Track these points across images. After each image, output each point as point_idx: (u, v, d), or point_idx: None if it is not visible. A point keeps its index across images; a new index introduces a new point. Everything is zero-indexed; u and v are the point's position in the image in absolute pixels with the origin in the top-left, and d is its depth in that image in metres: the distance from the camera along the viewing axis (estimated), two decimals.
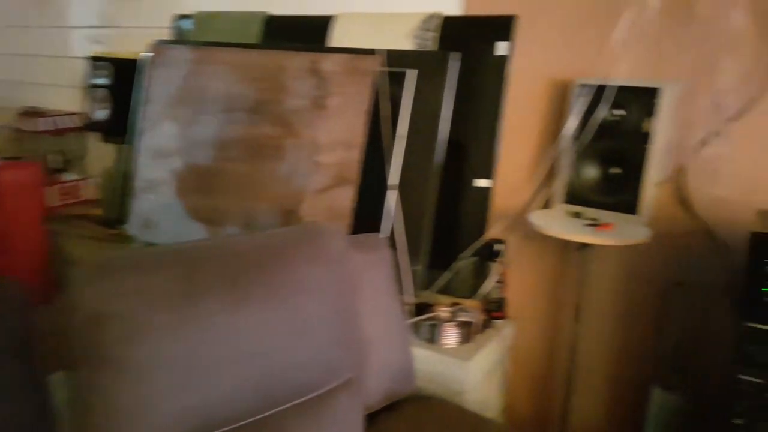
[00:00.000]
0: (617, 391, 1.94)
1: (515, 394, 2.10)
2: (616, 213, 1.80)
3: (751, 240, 1.21)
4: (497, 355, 1.94)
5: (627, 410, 1.92)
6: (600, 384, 1.96)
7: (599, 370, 1.96)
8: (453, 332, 1.83)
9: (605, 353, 1.94)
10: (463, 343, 1.82)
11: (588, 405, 1.98)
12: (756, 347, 1.22)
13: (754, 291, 1.21)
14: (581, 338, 1.91)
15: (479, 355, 1.77)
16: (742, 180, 1.66)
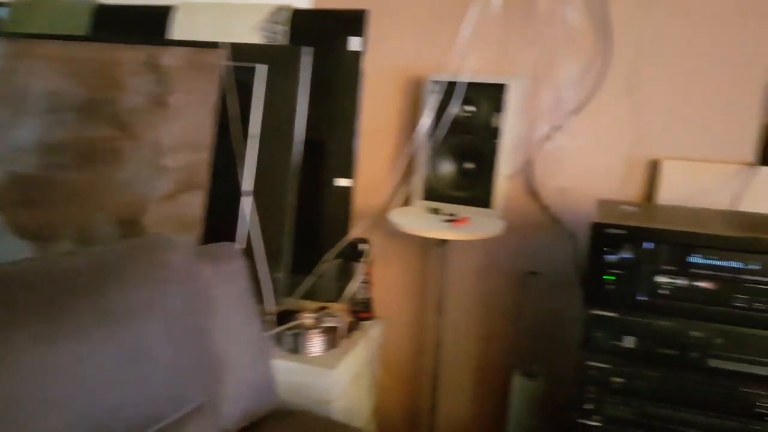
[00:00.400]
0: (482, 381, 1.98)
1: (386, 394, 2.08)
2: (472, 207, 1.82)
3: (591, 230, 1.25)
4: (365, 358, 1.90)
5: (492, 399, 1.96)
6: (466, 376, 1.99)
7: (464, 363, 1.99)
8: (318, 339, 1.75)
9: (469, 345, 1.97)
10: (329, 349, 1.76)
11: (455, 397, 2.00)
12: (601, 333, 1.27)
13: (596, 279, 1.25)
14: (445, 332, 1.92)
15: (345, 360, 1.72)
16: (584, 171, 1.75)
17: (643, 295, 1.24)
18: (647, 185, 1.72)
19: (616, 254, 1.22)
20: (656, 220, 1.32)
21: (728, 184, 1.61)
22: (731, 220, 1.37)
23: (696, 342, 1.22)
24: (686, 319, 1.23)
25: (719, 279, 1.20)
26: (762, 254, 1.17)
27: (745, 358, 1.19)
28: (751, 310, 1.18)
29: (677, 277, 1.22)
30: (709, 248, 1.20)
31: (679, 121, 1.67)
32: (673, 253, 1.22)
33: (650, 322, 1.24)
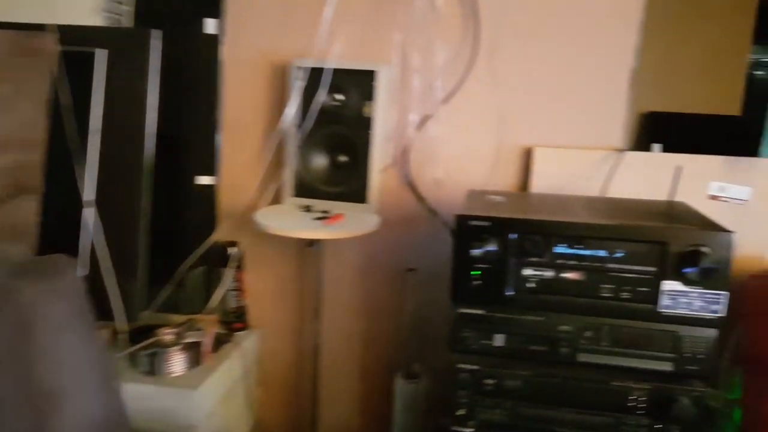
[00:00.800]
0: (366, 385, 1.87)
1: (266, 409, 1.92)
2: (347, 203, 1.70)
3: (455, 222, 1.16)
4: (239, 373, 1.74)
5: (377, 403, 1.86)
6: (349, 381, 1.87)
7: (346, 368, 1.87)
8: (178, 358, 1.57)
9: (351, 349, 1.86)
10: (192, 367, 1.58)
11: (338, 405, 1.88)
12: (470, 333, 1.18)
13: (463, 275, 1.16)
14: (324, 337, 1.79)
15: (212, 378, 1.55)
16: (458, 161, 1.67)
17: (511, 290, 1.17)
18: (522, 174, 1.66)
19: (481, 247, 1.14)
20: (522, 209, 1.25)
21: (598, 170, 1.58)
22: (598, 207, 1.32)
23: (565, 337, 1.16)
24: (555, 312, 1.16)
25: (585, 269, 1.14)
26: (625, 241, 1.12)
27: (615, 350, 1.14)
28: (618, 300, 1.13)
29: (544, 269, 1.15)
30: (573, 237, 1.14)
31: (549, 109, 1.62)
32: (538, 244, 1.15)
33: (519, 318, 1.17)
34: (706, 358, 1.10)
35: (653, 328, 1.12)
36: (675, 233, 1.09)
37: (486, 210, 1.21)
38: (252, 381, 1.85)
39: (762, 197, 1.53)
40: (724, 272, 1.07)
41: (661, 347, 1.12)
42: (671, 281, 1.10)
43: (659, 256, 1.10)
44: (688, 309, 1.10)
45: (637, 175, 1.56)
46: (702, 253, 1.06)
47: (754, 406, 1.34)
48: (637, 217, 1.19)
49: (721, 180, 1.58)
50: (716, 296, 1.08)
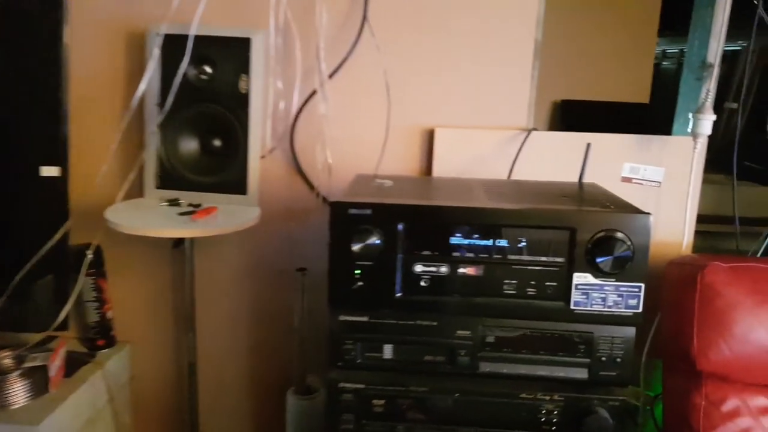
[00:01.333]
0: (254, 403, 1.64)
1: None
2: (223, 194, 1.46)
3: (331, 211, 0.95)
4: (102, 398, 1.46)
5: (267, 422, 1.63)
6: (235, 399, 1.63)
7: (231, 384, 1.63)
8: (19, 386, 1.29)
9: (235, 363, 1.62)
10: (38, 396, 1.30)
11: (224, 426, 1.64)
12: (353, 345, 0.98)
13: (343, 275, 0.96)
14: (203, 351, 1.55)
15: (62, 409, 1.28)
16: (348, 143, 1.46)
17: (402, 291, 0.97)
18: (424, 157, 1.48)
19: (362, 241, 0.93)
20: (413, 194, 1.06)
21: (505, 152, 1.42)
22: (501, 190, 1.15)
23: (464, 344, 0.97)
24: (451, 315, 0.97)
25: (485, 263, 0.96)
26: (528, 228, 0.94)
27: (521, 357, 0.97)
28: (524, 297, 0.96)
29: (438, 264, 0.97)
30: (470, 225, 0.95)
31: (451, 87, 1.44)
32: (430, 235, 0.96)
33: (411, 324, 0.98)
34: (624, 361, 0.95)
35: (565, 330, 0.96)
36: (584, 217, 0.92)
37: (369, 196, 1.01)
38: (121, 406, 1.57)
39: (676, 177, 1.41)
40: (641, 261, 0.91)
41: (574, 351, 0.96)
42: (582, 273, 0.93)
43: (568, 244, 0.93)
44: (603, 305, 0.94)
45: (546, 156, 1.41)
46: (615, 240, 0.90)
47: (676, 400, 1.22)
48: (543, 200, 1.02)
49: (633, 161, 1.45)
50: (633, 289, 0.93)
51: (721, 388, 1.22)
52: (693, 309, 1.20)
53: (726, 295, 1.19)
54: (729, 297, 1.19)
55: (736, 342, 1.17)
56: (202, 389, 1.56)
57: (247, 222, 1.36)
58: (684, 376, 1.23)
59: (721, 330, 1.18)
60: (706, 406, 1.21)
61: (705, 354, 1.19)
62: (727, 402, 1.20)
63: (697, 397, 1.22)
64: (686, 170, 1.41)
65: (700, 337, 1.20)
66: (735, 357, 1.18)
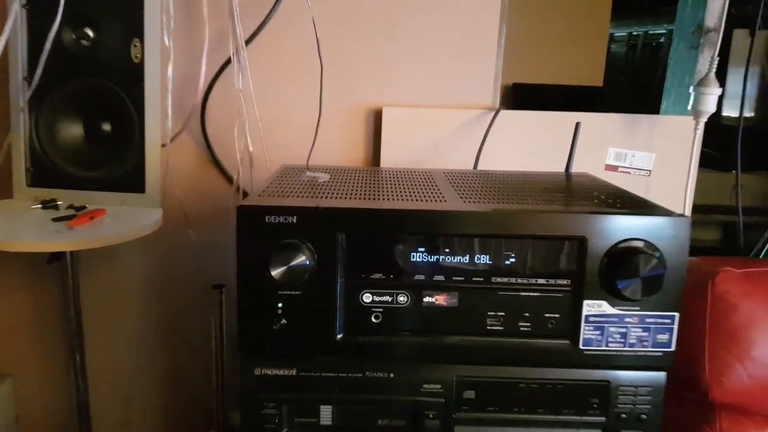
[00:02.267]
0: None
1: None
2: (115, 193, 1.14)
3: (238, 219, 0.65)
4: None
5: None
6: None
7: (138, 422, 1.31)
8: None
9: (142, 397, 1.29)
10: None
11: None
12: (276, 409, 0.68)
13: (257, 311, 0.66)
14: (100, 384, 1.23)
15: None
16: (271, 126, 1.16)
17: (344, 331, 0.68)
18: (369, 143, 1.19)
19: (286, 262, 0.64)
20: (357, 193, 0.77)
21: (465, 136, 1.15)
22: (472, 185, 0.87)
23: (434, 402, 0.69)
24: (415, 363, 0.69)
25: (460, 288, 0.68)
26: (519, 239, 0.67)
27: (513, 418, 0.70)
28: (513, 335, 0.69)
29: (395, 292, 0.68)
30: (438, 236, 0.67)
31: (402, 57, 1.16)
32: (384, 251, 0.67)
33: (359, 378, 0.69)
34: (651, 418, 0.69)
35: (571, 378, 0.69)
36: (596, 223, 0.66)
37: (295, 196, 0.72)
38: None
39: (668, 164, 1.18)
40: (676, 282, 0.66)
41: (585, 407, 0.69)
42: (595, 300, 0.67)
43: (575, 260, 0.67)
44: (623, 343, 0.68)
45: (517, 142, 1.15)
46: (641, 254, 0.64)
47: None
48: (529, 198, 0.75)
49: (619, 146, 1.21)
50: (664, 320, 0.67)
51: (739, 423, 1.00)
52: (703, 326, 0.98)
53: (742, 308, 0.98)
54: (746, 310, 0.98)
55: (757, 365, 0.97)
56: (102, 430, 1.25)
57: (144, 228, 1.04)
58: (692, 408, 1.01)
59: (738, 351, 0.97)
60: None
61: (719, 381, 0.97)
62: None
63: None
64: (680, 156, 1.18)
65: (713, 360, 0.98)
66: (755, 384, 0.97)
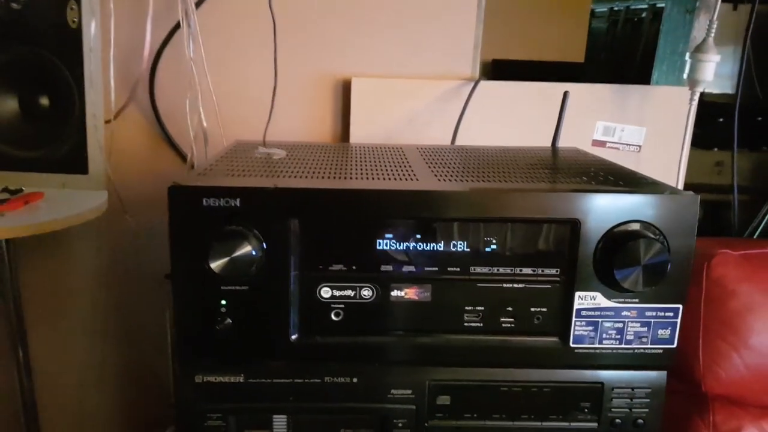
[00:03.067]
0: None
1: None
2: (54, 174, 1.03)
3: (170, 202, 0.55)
4: None
5: None
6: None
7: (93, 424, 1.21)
8: None
9: (94, 397, 1.19)
10: None
11: None
12: (220, 421, 0.59)
13: (196, 309, 0.56)
14: (48, 384, 1.12)
15: None
16: (225, 98, 1.05)
17: (299, 331, 0.59)
18: (337, 117, 1.09)
19: (230, 252, 0.54)
20: (316, 171, 0.67)
21: (442, 109, 1.05)
22: (449, 162, 0.77)
23: (404, 409, 0.60)
24: (382, 366, 0.60)
25: (434, 280, 0.59)
26: (502, 222, 0.58)
27: (494, 426, 0.61)
28: (494, 332, 0.60)
29: (358, 286, 0.59)
30: (409, 219, 0.58)
31: (373, 23, 1.05)
32: (345, 238, 0.58)
33: (316, 384, 0.59)
34: (650, 421, 0.61)
35: (561, 380, 0.61)
36: (591, 203, 0.57)
37: (244, 175, 0.61)
38: None
39: (660, 139, 1.09)
40: (682, 270, 0.57)
41: (575, 411, 0.61)
42: (588, 292, 0.58)
43: (565, 247, 0.58)
44: (619, 340, 0.59)
45: (498, 116, 1.06)
46: (643, 238, 0.55)
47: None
48: (514, 176, 0.66)
49: (607, 120, 1.12)
50: (666, 313, 0.59)
51: (734, 416, 0.94)
52: (697, 314, 0.91)
53: (740, 293, 0.91)
54: (744, 296, 0.91)
55: (755, 355, 0.91)
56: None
57: (84, 213, 0.94)
58: (684, 400, 0.95)
59: (734, 340, 0.91)
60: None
61: (713, 372, 0.91)
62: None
63: (702, 429, 0.93)
64: (673, 129, 1.09)
65: (707, 349, 0.92)
66: (752, 374, 0.90)
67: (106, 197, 0.99)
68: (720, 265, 0.91)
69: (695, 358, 0.91)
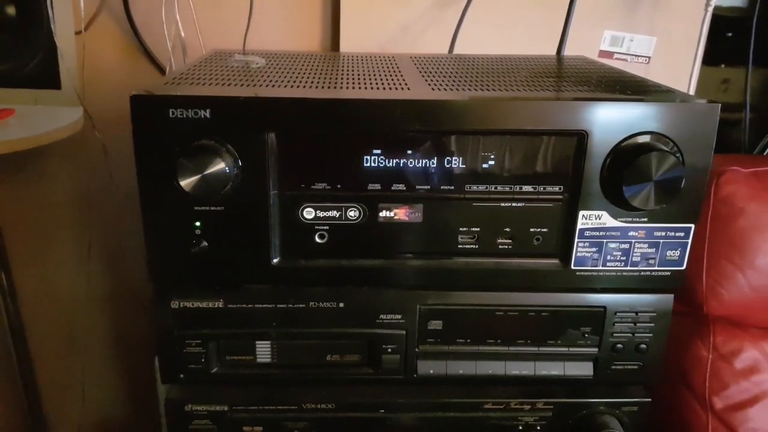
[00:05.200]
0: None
1: None
2: (25, 89, 0.96)
3: (132, 113, 0.49)
4: None
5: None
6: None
7: (84, 344, 1.20)
8: None
9: (83, 320, 1.18)
10: None
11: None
12: (201, 347, 0.56)
13: (170, 230, 0.52)
14: (29, 309, 1.11)
15: None
16: (203, 3, 0.97)
17: (282, 254, 0.55)
18: (326, 25, 1.01)
19: (202, 169, 0.49)
20: (297, 81, 0.60)
21: (440, 15, 0.97)
22: (442, 70, 0.70)
23: (393, 334, 0.57)
24: (369, 288, 0.56)
25: (426, 199, 0.54)
26: (500, 135, 0.52)
27: (487, 351, 0.58)
28: (491, 254, 0.56)
29: (344, 206, 0.54)
30: (398, 133, 0.52)
31: None
32: (328, 153, 0.53)
33: (299, 309, 0.56)
34: (653, 347, 0.58)
35: (558, 305, 0.57)
36: (599, 113, 0.51)
37: (214, 85, 0.55)
38: None
39: (670, 50, 1.02)
40: (697, 186, 0.52)
41: (572, 338, 0.58)
42: (594, 211, 0.54)
43: (569, 162, 0.53)
44: (624, 262, 0.55)
45: (499, 23, 0.98)
46: (656, 151, 0.50)
47: (672, 353, 0.91)
48: (515, 85, 0.60)
49: (615, 29, 1.05)
50: (677, 233, 0.55)
51: (734, 337, 0.91)
52: (703, 233, 0.87)
53: (749, 211, 0.87)
54: (753, 215, 0.87)
55: (760, 275, 0.87)
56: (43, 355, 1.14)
57: (58, 131, 0.88)
58: (684, 321, 0.92)
59: (740, 260, 0.87)
60: (714, 361, 0.91)
61: (716, 293, 0.88)
62: (742, 355, 0.91)
63: (701, 350, 0.92)
64: (685, 40, 1.02)
65: (711, 270, 0.89)
66: (757, 295, 0.87)
67: (82, 114, 0.94)
68: (729, 182, 0.87)
69: (698, 278, 0.88)
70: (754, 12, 1.07)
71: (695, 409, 0.89)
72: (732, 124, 1.24)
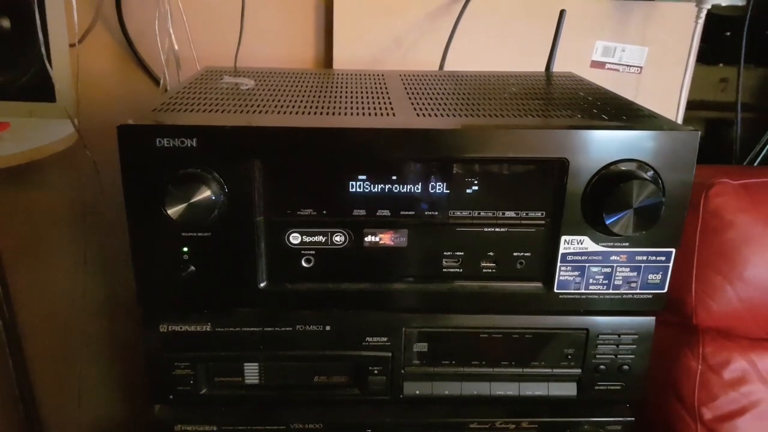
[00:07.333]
0: None
1: None
2: (19, 102, 0.97)
3: (120, 143, 0.50)
4: None
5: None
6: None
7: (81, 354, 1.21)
8: None
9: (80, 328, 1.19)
10: None
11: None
12: (189, 369, 0.57)
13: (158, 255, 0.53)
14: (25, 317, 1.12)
15: None
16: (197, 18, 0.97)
17: (269, 278, 0.56)
18: (319, 39, 1.01)
19: (188, 197, 0.50)
20: (285, 104, 0.61)
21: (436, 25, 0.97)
22: (429, 90, 0.71)
23: (379, 356, 0.58)
24: (355, 311, 0.57)
25: (411, 225, 0.55)
26: (484, 163, 0.53)
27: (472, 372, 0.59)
28: (475, 278, 0.57)
29: (330, 231, 0.55)
30: (383, 161, 0.53)
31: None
32: (314, 180, 0.54)
33: (288, 332, 0.57)
34: (635, 369, 0.59)
35: (541, 327, 0.58)
36: (580, 141, 0.52)
37: (201, 111, 0.56)
38: None
39: (663, 60, 1.02)
40: (677, 212, 0.53)
41: (556, 359, 0.59)
42: (575, 236, 0.54)
43: (551, 188, 0.53)
44: (606, 286, 0.56)
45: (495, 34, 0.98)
46: (635, 179, 0.50)
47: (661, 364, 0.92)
48: (501, 108, 0.60)
49: (607, 39, 1.05)
50: (657, 257, 0.55)
51: (723, 348, 0.92)
52: (692, 245, 0.88)
53: (738, 224, 0.87)
54: (742, 227, 0.87)
55: (749, 287, 0.88)
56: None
57: (54, 144, 0.90)
58: (674, 332, 0.93)
59: (729, 272, 0.88)
60: (704, 372, 0.91)
61: (705, 304, 0.89)
62: (731, 365, 0.91)
63: (691, 361, 0.92)
64: (676, 49, 1.02)
65: (701, 281, 0.89)
66: (745, 307, 0.88)
67: (75, 127, 0.94)
68: (718, 195, 0.87)
69: (687, 290, 0.89)
70: (740, 11, 1.07)
71: (684, 419, 0.90)
72: (729, 123, 1.25)
